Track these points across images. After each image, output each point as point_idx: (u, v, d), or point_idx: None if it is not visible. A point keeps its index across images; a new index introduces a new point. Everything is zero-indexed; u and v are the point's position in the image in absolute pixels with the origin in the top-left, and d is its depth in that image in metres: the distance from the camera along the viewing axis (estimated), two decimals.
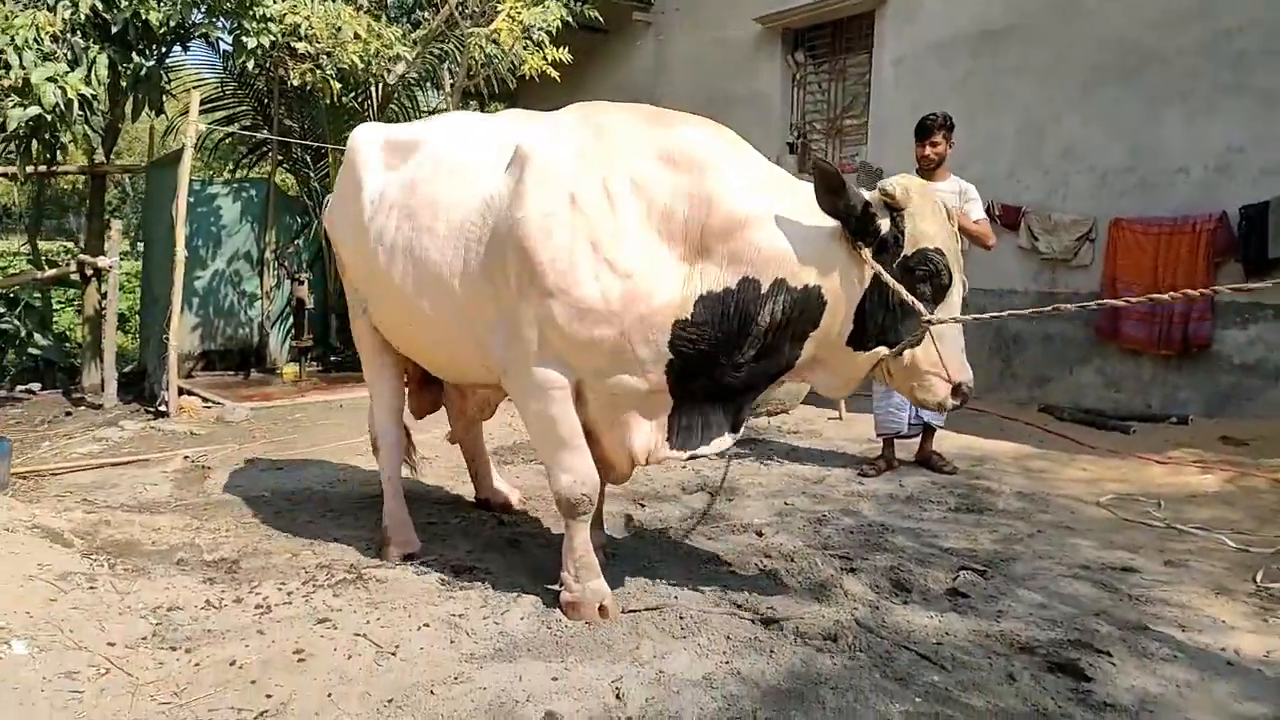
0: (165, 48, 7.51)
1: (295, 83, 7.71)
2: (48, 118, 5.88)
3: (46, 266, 8.69)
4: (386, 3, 9.35)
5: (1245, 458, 5.32)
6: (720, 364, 2.84)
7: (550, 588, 3.19)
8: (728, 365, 2.85)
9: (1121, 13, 6.73)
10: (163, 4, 6.72)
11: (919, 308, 2.71)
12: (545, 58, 7.80)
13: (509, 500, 4.35)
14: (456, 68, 8.98)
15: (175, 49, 7.80)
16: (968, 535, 4.04)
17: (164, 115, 8.00)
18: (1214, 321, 6.26)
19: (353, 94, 8.98)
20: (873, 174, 7.94)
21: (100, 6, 6.40)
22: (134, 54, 6.88)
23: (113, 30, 6.74)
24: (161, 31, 6.98)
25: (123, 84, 6.90)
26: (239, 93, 10.18)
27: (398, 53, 7.76)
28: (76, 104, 5.98)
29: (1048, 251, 7.11)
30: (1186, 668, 2.73)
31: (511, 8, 7.55)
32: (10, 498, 4.13)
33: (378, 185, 3.46)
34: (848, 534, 4.03)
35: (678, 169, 2.79)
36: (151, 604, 3.06)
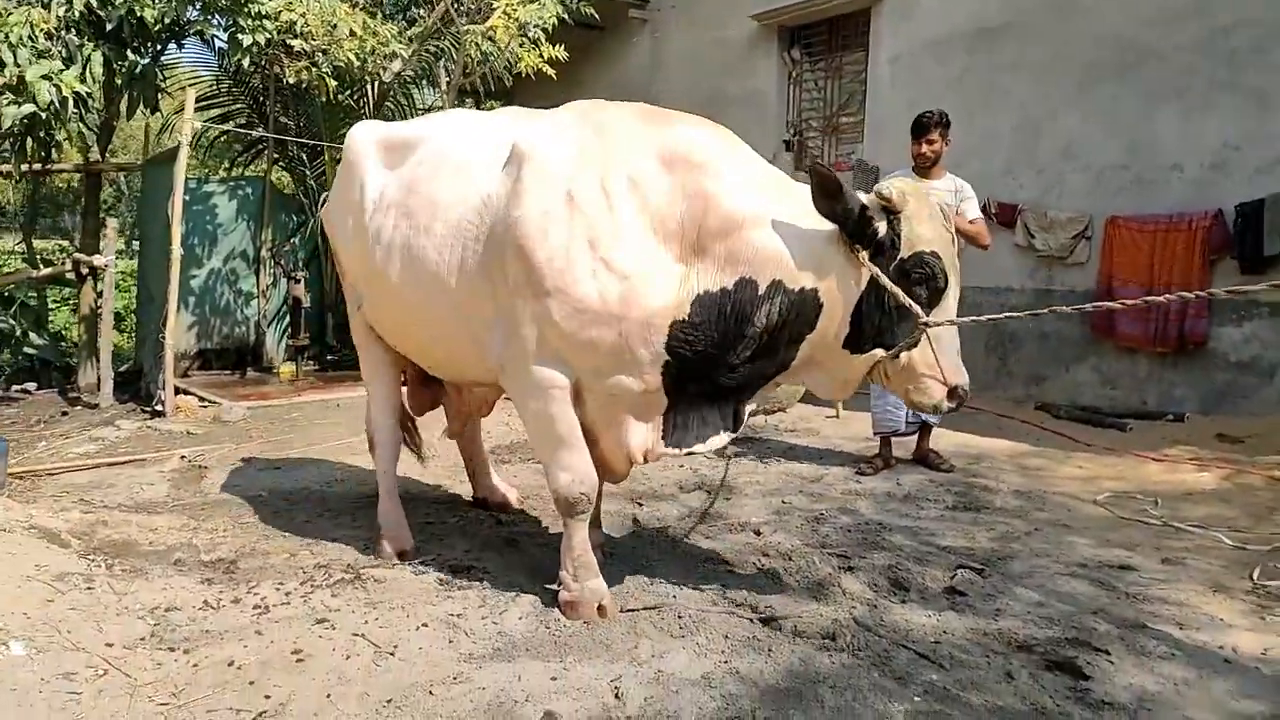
0: (160, 45, 7.49)
1: (291, 80, 7.71)
2: (42, 115, 5.84)
3: (42, 265, 8.63)
4: (382, 0, 9.33)
5: (1241, 455, 5.34)
6: (716, 365, 2.84)
7: (549, 587, 3.19)
8: (724, 366, 2.85)
9: (1117, 10, 6.74)
10: (158, 1, 6.70)
11: (916, 310, 2.71)
12: (541, 55, 7.78)
13: (507, 499, 4.34)
14: (452, 65, 8.96)
15: (170, 46, 7.79)
16: (965, 533, 4.05)
17: (159, 113, 7.94)
18: (1210, 319, 6.28)
19: (348, 92, 8.97)
20: (869, 172, 7.96)
21: (95, 4, 6.36)
22: (129, 51, 6.84)
23: (108, 27, 6.71)
24: (157, 29, 6.96)
25: (118, 82, 6.87)
26: (234, 90, 10.17)
27: (393, 50, 7.76)
28: (71, 102, 5.94)
29: (1044, 249, 7.12)
30: (1184, 665, 2.74)
31: (507, 5, 7.52)
32: (7, 498, 4.11)
33: (376, 183, 3.46)
34: (845, 532, 4.04)
35: (675, 168, 2.79)
36: (149, 604, 3.05)
